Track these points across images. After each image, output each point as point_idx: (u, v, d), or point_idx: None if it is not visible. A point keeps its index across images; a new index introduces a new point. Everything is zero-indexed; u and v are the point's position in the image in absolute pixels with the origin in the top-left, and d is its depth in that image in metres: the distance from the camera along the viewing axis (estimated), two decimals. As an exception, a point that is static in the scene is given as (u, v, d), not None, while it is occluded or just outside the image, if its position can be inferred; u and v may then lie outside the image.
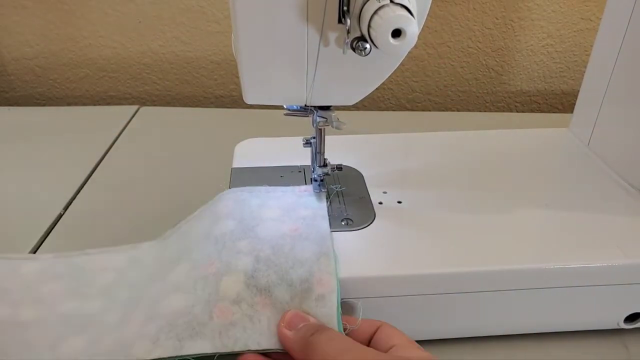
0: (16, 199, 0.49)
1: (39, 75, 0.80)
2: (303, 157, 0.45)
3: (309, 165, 0.44)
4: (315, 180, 0.42)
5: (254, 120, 0.70)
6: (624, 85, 0.45)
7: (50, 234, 0.49)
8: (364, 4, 0.30)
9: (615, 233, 0.39)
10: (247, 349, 0.31)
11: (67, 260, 0.42)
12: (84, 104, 0.82)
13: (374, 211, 0.41)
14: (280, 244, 0.36)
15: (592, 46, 0.50)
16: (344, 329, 0.32)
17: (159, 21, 0.76)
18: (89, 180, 0.57)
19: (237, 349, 0.31)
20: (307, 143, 0.42)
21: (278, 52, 0.33)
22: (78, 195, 0.55)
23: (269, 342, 0.32)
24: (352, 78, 0.35)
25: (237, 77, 0.61)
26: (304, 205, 0.41)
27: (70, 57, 0.78)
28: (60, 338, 0.35)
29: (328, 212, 0.40)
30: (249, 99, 0.36)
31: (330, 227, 0.38)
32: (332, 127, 0.38)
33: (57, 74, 0.80)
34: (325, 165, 0.41)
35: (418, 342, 0.38)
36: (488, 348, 0.38)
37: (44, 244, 0.48)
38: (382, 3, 0.29)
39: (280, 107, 0.39)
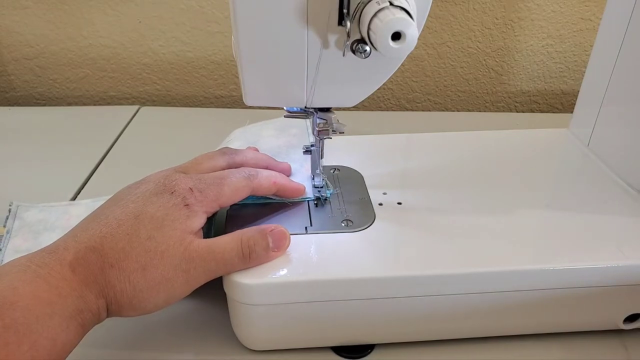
0: (16, 200, 0.50)
1: (39, 75, 0.80)
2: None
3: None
4: (315, 187, 0.42)
5: (254, 121, 0.70)
6: (624, 86, 0.45)
7: (51, 234, 0.49)
8: (364, 6, 0.30)
9: (615, 233, 0.39)
10: None
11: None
12: (84, 104, 0.82)
13: (374, 212, 0.41)
14: (277, 152, 0.47)
15: (592, 46, 0.50)
16: None
17: (159, 21, 0.75)
18: (90, 180, 0.58)
19: None
20: (307, 151, 0.42)
21: (278, 54, 0.33)
22: (79, 195, 0.55)
23: None
24: (352, 80, 0.35)
25: (237, 78, 0.61)
26: (296, 126, 0.51)
27: (70, 57, 0.78)
28: None
29: (328, 214, 0.40)
30: (249, 100, 0.36)
31: (331, 228, 0.39)
32: (332, 129, 0.38)
33: (57, 74, 0.80)
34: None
35: (418, 342, 0.38)
36: (488, 348, 0.39)
37: (44, 244, 0.48)
38: (382, 5, 0.29)
39: (280, 108, 0.39)
